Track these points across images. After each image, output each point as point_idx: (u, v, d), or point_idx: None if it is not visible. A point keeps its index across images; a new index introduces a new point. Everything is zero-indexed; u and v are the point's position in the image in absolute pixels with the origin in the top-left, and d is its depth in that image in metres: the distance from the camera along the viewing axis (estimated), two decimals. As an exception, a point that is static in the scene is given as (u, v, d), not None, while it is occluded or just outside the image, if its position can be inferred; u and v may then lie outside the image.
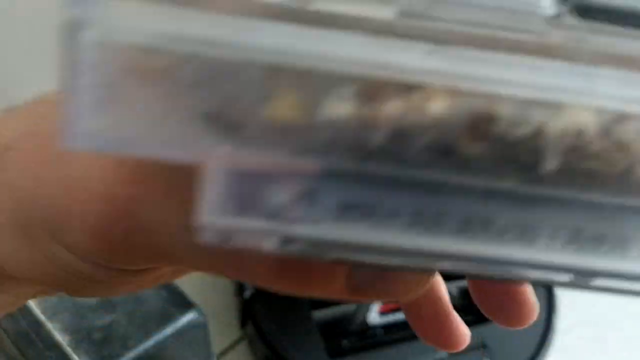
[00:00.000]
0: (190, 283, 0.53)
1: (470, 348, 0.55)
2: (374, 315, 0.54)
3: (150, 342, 0.32)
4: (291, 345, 0.49)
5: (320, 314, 0.53)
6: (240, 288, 0.53)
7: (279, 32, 0.07)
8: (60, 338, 0.32)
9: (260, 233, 0.08)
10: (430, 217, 0.08)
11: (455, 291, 0.58)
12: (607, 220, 0.08)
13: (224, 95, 0.07)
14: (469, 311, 0.58)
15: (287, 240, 0.08)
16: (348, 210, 0.08)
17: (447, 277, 0.63)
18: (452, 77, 0.07)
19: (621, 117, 0.07)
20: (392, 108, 0.07)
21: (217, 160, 0.07)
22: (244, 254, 0.09)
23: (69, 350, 0.32)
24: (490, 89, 0.07)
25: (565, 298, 0.58)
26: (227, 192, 0.07)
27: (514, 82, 0.07)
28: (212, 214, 0.07)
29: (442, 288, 0.18)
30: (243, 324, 0.53)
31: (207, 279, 0.59)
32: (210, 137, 0.07)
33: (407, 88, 0.07)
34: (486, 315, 0.17)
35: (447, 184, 0.07)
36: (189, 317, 0.33)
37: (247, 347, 0.53)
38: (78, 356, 0.32)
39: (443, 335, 0.18)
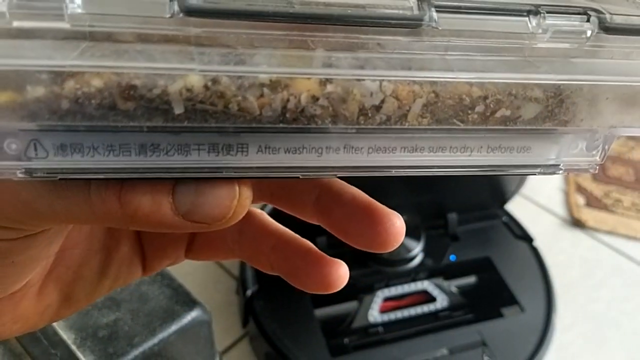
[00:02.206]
0: (192, 282, 0.53)
1: (470, 346, 0.56)
2: (375, 314, 0.54)
3: (155, 340, 0.32)
4: (293, 343, 0.49)
5: (322, 312, 0.53)
6: (242, 286, 0.53)
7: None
8: (66, 336, 0.32)
9: (11, 169, 0.12)
10: (116, 147, 0.12)
11: (455, 290, 0.58)
12: (227, 137, 0.13)
13: None
14: (469, 310, 0.58)
15: (31, 171, 0.12)
16: (63, 148, 0.12)
17: (447, 275, 0.63)
18: (96, 67, 0.11)
19: (213, 81, 0.11)
20: (69, 86, 0.11)
21: None
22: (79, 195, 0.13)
23: (74, 347, 0.32)
24: (123, 70, 0.11)
25: (564, 296, 0.58)
26: None
27: (137, 69, 0.11)
28: None
29: (305, 242, 0.19)
30: (245, 322, 0.53)
31: (210, 278, 0.59)
32: None
33: (72, 74, 0.11)
34: (347, 242, 0.17)
35: (124, 127, 0.12)
36: (193, 314, 0.34)
37: (249, 345, 0.53)
38: (83, 354, 0.32)
39: (319, 278, 0.18)
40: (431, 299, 0.56)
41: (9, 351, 0.35)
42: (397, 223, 0.17)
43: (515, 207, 0.66)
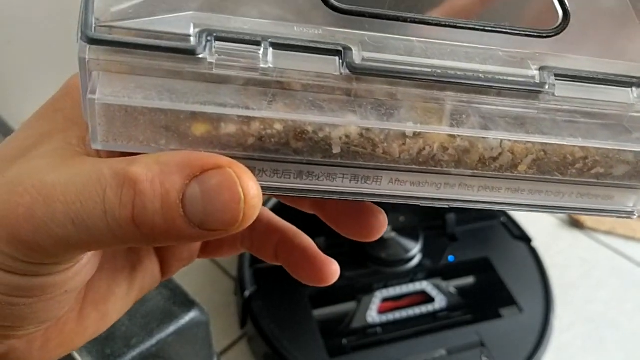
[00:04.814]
0: (190, 282, 0.53)
1: (469, 346, 0.56)
2: (374, 314, 0.54)
3: (152, 341, 0.32)
4: (291, 344, 0.49)
5: (320, 313, 0.53)
6: (240, 287, 0.53)
7: (197, 94, 0.14)
8: (63, 337, 0.32)
9: None
10: (280, 172, 0.15)
11: (453, 290, 0.58)
12: (366, 170, 0.15)
13: (174, 122, 0.14)
14: (468, 310, 0.58)
15: None
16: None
17: (445, 276, 0.63)
18: (281, 114, 0.14)
19: (366, 130, 0.14)
20: (255, 127, 0.14)
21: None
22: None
23: (71, 349, 0.32)
24: (300, 119, 0.14)
25: (562, 297, 0.58)
26: None
27: (311, 120, 0.14)
28: None
29: (306, 238, 0.23)
30: (243, 322, 0.53)
31: (207, 279, 0.59)
32: (165, 142, 0.14)
33: (260, 119, 0.14)
34: (340, 233, 0.21)
35: (290, 159, 0.15)
36: (191, 315, 0.34)
37: (248, 346, 0.53)
38: (80, 355, 0.32)
39: (314, 272, 0.22)
40: (429, 299, 0.56)
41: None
42: (381, 217, 0.20)
43: (514, 207, 0.66)
